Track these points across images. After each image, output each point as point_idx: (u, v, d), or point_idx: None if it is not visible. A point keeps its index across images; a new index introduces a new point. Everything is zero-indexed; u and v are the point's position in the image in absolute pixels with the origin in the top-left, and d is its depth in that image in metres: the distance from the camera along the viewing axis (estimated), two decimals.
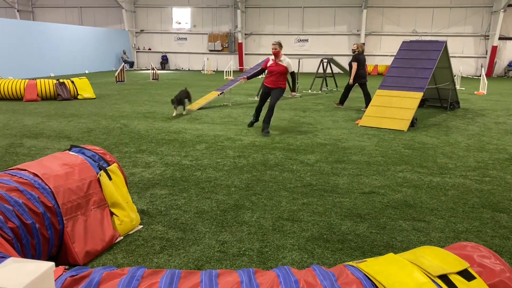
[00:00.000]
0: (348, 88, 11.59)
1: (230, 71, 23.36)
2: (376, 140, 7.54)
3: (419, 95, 8.93)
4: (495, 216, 4.09)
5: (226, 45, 30.28)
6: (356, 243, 3.48)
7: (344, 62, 27.21)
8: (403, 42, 10.36)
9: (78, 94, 12.87)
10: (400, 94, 9.10)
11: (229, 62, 25.22)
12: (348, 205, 4.34)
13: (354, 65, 10.98)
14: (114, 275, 1.74)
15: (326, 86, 17.09)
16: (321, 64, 16.43)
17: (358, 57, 11.01)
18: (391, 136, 7.84)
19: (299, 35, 28.97)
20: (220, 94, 11.82)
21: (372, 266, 1.87)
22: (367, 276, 1.79)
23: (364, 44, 11.46)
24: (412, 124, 8.71)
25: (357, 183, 5.05)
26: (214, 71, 28.86)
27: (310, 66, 25.94)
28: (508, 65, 27.08)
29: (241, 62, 29.82)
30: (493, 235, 3.67)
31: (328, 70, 16.71)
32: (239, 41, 29.53)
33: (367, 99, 10.93)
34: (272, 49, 7.73)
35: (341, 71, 18.43)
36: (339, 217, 4.02)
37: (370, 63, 28.12)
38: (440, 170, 5.64)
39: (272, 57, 7.86)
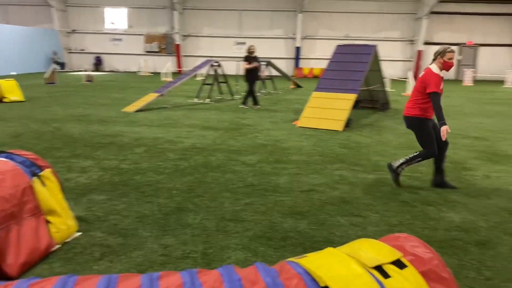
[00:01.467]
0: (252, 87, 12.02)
1: (168, 73, 22.99)
2: (314, 140, 7.78)
3: (353, 96, 9.33)
4: (424, 209, 4.38)
5: (164, 46, 29.77)
6: (298, 240, 3.58)
7: (282, 65, 27.83)
8: (337, 45, 10.77)
9: (4, 97, 12.06)
10: (335, 96, 9.46)
11: (166, 64, 24.80)
12: (289, 203, 4.45)
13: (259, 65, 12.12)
14: (42, 286, 1.66)
15: (265, 88, 17.33)
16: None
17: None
18: (327, 136, 8.12)
19: (237, 37, 29.14)
20: (160, 95, 11.61)
21: (312, 261, 1.94)
22: (307, 271, 1.85)
23: (253, 46, 12.24)
24: (347, 124, 9.08)
25: (297, 182, 5.18)
26: (151, 72, 28.25)
27: None
28: None
29: (179, 64, 29.46)
30: (423, 226, 3.93)
31: (267, 73, 16.97)
32: (177, 43, 29.15)
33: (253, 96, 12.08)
34: (450, 58, 4.76)
35: (280, 74, 18.78)
36: (280, 215, 4.12)
37: (306, 66, 28.90)
38: (374, 168, 5.94)
39: (438, 70, 4.84)
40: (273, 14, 28.73)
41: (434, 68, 4.81)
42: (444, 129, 4.61)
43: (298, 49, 28.49)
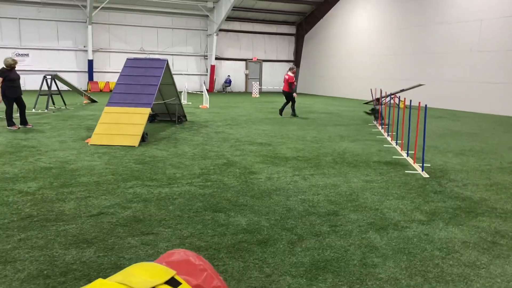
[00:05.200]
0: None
1: None
2: (107, 158, 7.35)
3: (147, 110, 9.20)
4: (214, 216, 4.53)
5: None
6: (82, 272, 3.24)
7: (73, 78, 25.92)
8: (127, 59, 10.50)
9: None
10: (129, 110, 9.17)
11: None
12: (74, 231, 4.03)
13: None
14: None
15: (54, 104, 15.78)
16: (45, 80, 15.08)
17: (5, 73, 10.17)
18: (122, 153, 7.79)
19: (16, 48, 25.82)
20: None
21: None
22: None
23: (13, 59, 10.35)
24: (143, 139, 8.90)
25: (85, 206, 4.76)
26: None
27: (35, 83, 23.40)
28: (224, 81, 31.14)
29: None
30: (213, 234, 4.04)
31: (54, 87, 15.47)
32: None
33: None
34: (295, 71, 14.75)
35: (70, 88, 17.37)
36: (63, 247, 3.68)
37: (101, 79, 27.50)
38: (168, 181, 5.91)
39: (292, 75, 14.46)
40: (59, 24, 26.47)
41: (291, 74, 13.99)
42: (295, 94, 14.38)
43: (90, 62, 26.90)
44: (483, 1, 17.92)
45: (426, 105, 7.27)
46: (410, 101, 8.50)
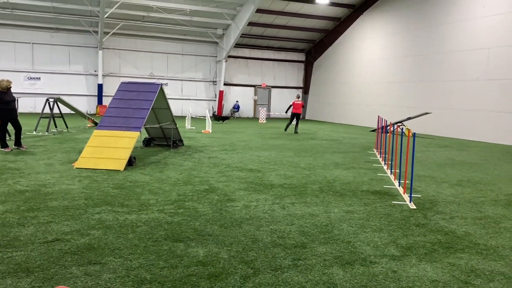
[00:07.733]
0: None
1: None
2: (87, 182, 7.20)
3: (135, 134, 9.10)
4: (173, 246, 4.29)
5: None
6: None
7: (83, 102, 26.29)
8: (122, 83, 10.50)
9: None
10: (118, 134, 9.09)
11: None
12: (20, 259, 3.83)
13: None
14: None
15: (56, 127, 15.90)
16: (47, 103, 15.24)
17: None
18: (104, 177, 7.64)
19: (29, 72, 26.37)
20: None
21: None
22: None
23: (8, 81, 10.26)
24: (130, 163, 8.77)
25: (43, 232, 4.58)
26: None
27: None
28: (233, 107, 31.20)
29: None
30: (163, 266, 3.80)
31: (57, 110, 15.62)
32: None
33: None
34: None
35: (72, 111, 17.51)
36: (0, 276, 3.48)
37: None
38: (139, 207, 5.71)
39: (299, 101, 18.87)
40: (70, 49, 27.03)
41: (298, 100, 18.68)
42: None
43: (100, 86, 27.27)
44: (490, 29, 17.71)
45: (414, 133, 6.99)
46: (402, 129, 8.24)
